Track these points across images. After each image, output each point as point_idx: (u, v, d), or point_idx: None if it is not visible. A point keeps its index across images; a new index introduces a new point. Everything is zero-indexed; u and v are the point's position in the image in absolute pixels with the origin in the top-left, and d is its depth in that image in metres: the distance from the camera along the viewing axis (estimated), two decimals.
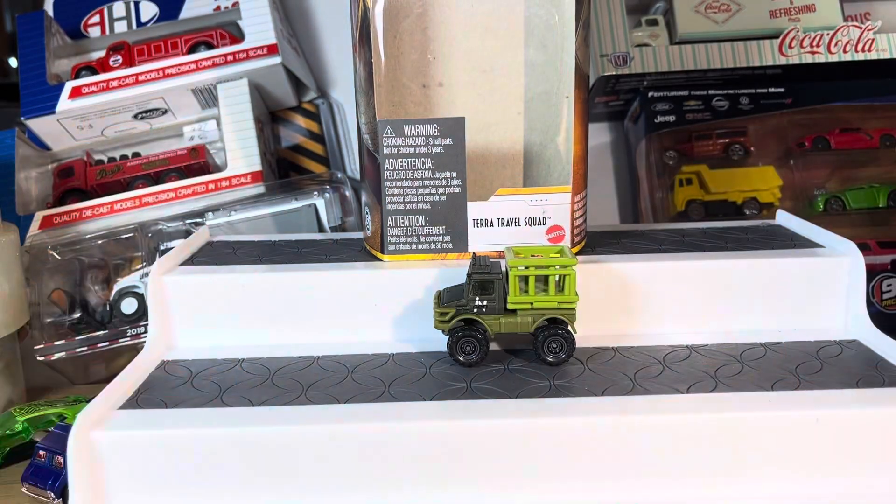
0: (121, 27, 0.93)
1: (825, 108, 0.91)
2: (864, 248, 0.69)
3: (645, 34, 0.89)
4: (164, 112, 0.89)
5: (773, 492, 0.49)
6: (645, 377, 0.54)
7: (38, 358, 0.77)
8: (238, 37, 0.91)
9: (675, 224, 0.76)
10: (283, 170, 0.94)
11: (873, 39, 0.87)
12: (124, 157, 0.90)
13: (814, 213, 0.88)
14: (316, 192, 0.83)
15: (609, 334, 0.61)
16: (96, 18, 0.93)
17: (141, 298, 0.79)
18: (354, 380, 0.55)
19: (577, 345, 0.57)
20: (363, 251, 0.68)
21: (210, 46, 0.90)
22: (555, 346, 0.56)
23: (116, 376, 0.55)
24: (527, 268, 0.56)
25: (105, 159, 0.91)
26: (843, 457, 0.49)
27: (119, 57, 0.89)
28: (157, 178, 0.87)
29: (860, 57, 0.87)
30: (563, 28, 0.60)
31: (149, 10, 0.93)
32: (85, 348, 0.77)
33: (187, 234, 0.80)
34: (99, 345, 0.78)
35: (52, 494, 0.56)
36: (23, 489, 0.58)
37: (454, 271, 0.61)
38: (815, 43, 0.87)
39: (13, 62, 0.88)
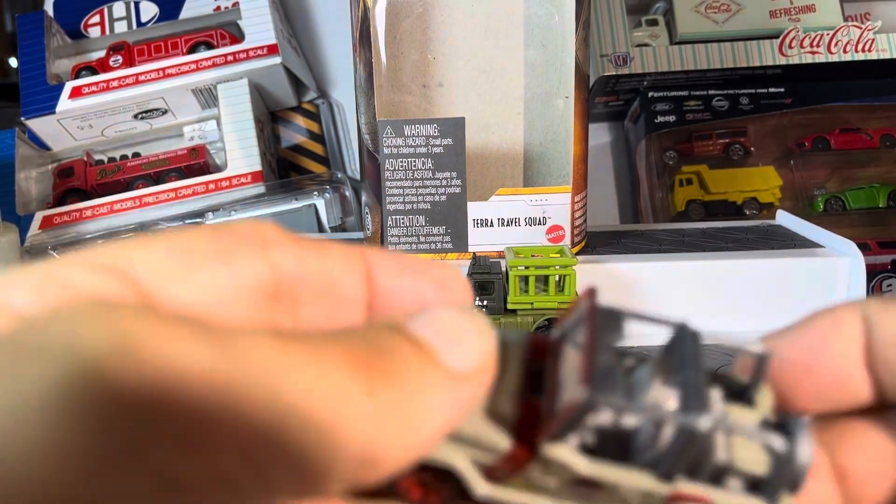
0: (121, 27, 0.93)
1: (825, 108, 0.91)
2: (863, 248, 0.69)
3: (645, 34, 0.89)
4: (165, 112, 0.89)
5: None
6: None
7: None
8: (238, 37, 0.91)
9: (676, 224, 0.76)
10: (284, 170, 0.94)
11: (873, 39, 0.87)
12: (124, 157, 0.90)
13: (814, 213, 0.88)
14: (316, 193, 0.83)
15: None
16: (96, 18, 0.93)
17: None
18: None
19: None
20: None
21: (210, 46, 0.90)
22: None
23: None
24: (527, 268, 0.56)
25: (105, 159, 0.91)
26: None
27: (119, 57, 0.89)
28: (157, 179, 0.87)
29: (860, 57, 0.87)
30: (563, 28, 0.60)
31: (149, 10, 0.93)
32: None
33: None
34: None
35: None
36: None
37: None
38: (815, 43, 0.87)
39: (13, 62, 0.88)
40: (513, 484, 0.20)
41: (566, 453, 0.19)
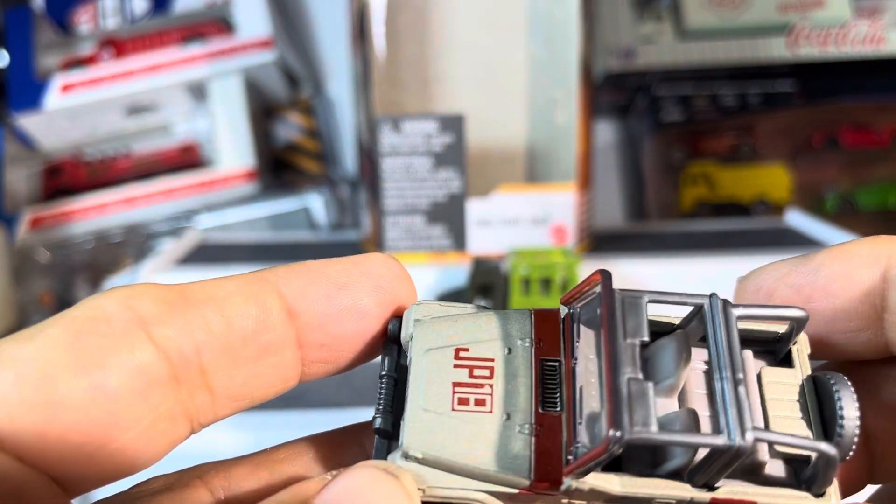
0: (112, 22, 0.91)
1: (835, 105, 0.89)
2: None
3: (651, 29, 0.87)
4: (156, 109, 0.87)
5: None
6: None
7: None
8: (232, 31, 0.89)
9: (683, 224, 0.74)
10: (279, 168, 0.92)
11: (884, 35, 0.85)
12: (115, 155, 0.88)
13: (823, 212, 0.86)
14: (312, 191, 0.81)
15: None
16: (87, 13, 0.91)
17: None
18: (353, 385, 0.53)
19: None
20: (360, 252, 0.66)
21: (203, 41, 0.87)
22: None
23: None
24: (529, 269, 0.54)
25: (95, 158, 0.89)
26: None
27: (110, 52, 0.87)
28: (148, 178, 0.85)
29: (870, 51, 0.85)
30: (567, 21, 0.58)
31: (141, 5, 0.91)
32: None
33: (179, 234, 0.78)
34: None
35: None
36: None
37: (454, 272, 0.59)
38: (824, 38, 0.85)
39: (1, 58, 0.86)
40: None
41: (596, 480, 0.18)
